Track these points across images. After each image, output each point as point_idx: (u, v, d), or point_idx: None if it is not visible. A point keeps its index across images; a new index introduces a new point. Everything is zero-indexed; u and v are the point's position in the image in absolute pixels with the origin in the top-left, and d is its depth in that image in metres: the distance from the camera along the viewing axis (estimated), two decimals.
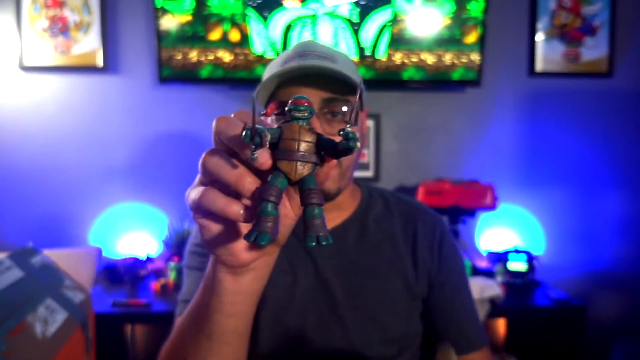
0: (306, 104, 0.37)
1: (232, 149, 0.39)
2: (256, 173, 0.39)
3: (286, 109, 0.38)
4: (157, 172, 2.02)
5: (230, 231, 0.43)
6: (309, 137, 0.37)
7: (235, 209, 0.38)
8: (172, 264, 1.78)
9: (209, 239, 0.44)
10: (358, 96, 0.40)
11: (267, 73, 0.80)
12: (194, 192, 0.42)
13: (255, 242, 0.36)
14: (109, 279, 1.87)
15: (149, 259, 1.89)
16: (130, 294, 1.73)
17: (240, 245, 0.43)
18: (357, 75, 0.80)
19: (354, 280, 0.81)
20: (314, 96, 0.73)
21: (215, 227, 0.43)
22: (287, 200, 0.44)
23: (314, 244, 0.36)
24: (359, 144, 0.36)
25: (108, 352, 1.40)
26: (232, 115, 0.41)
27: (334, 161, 0.39)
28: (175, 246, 1.85)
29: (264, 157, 0.36)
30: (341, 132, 0.36)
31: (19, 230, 1.99)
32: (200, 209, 0.41)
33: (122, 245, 2.01)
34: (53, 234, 1.97)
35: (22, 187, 1.99)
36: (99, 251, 1.87)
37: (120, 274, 1.83)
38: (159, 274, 1.85)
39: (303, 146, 0.37)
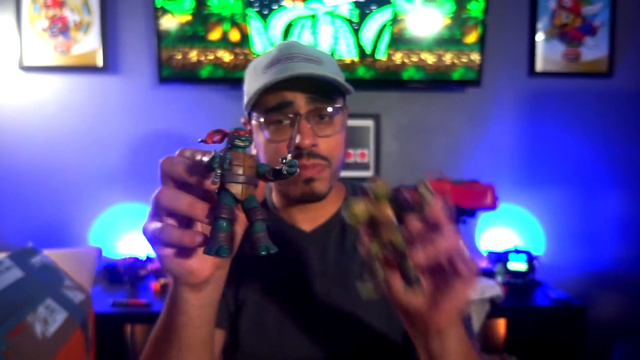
0: (247, 135, 0.44)
1: (179, 183, 0.46)
2: (204, 199, 0.45)
3: (228, 138, 0.44)
4: (156, 172, 2.01)
5: (188, 254, 0.48)
6: (251, 163, 0.44)
7: (191, 236, 0.44)
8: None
9: (169, 266, 0.49)
10: (343, 99, 0.46)
11: (251, 76, 0.80)
12: (151, 228, 0.47)
13: (217, 254, 0.41)
14: (108, 279, 1.88)
15: (148, 259, 1.89)
16: (130, 294, 1.73)
17: (199, 264, 0.49)
18: (341, 75, 0.81)
19: (334, 281, 0.80)
20: (300, 99, 0.73)
21: (174, 254, 0.48)
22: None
23: (264, 253, 0.43)
24: (298, 170, 0.44)
25: (108, 352, 1.40)
26: (176, 155, 0.49)
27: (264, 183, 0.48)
28: None
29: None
30: (284, 160, 0.43)
31: (19, 231, 1.99)
32: (160, 242, 0.46)
33: (122, 245, 2.01)
34: (53, 234, 1.97)
35: (22, 187, 1.99)
36: (99, 251, 1.87)
37: (120, 274, 1.83)
38: (158, 274, 1.85)
39: (247, 170, 0.43)
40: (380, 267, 0.48)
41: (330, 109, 0.75)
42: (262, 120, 0.76)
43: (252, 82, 0.78)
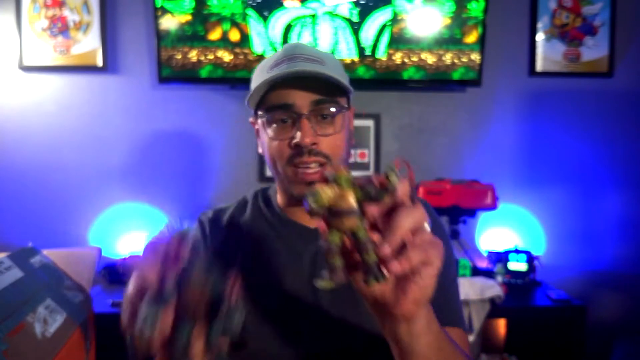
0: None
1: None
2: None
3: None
4: (156, 172, 2.02)
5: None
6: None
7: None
8: None
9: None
10: (346, 99, 0.45)
11: (257, 76, 0.81)
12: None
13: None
14: (108, 279, 1.87)
15: None
16: None
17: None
18: (344, 76, 0.82)
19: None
20: (303, 98, 0.75)
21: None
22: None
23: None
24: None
25: (108, 352, 1.40)
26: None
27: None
28: None
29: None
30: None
31: (19, 231, 1.98)
32: None
33: (122, 245, 2.00)
34: (53, 234, 1.97)
35: (22, 187, 1.99)
36: (99, 251, 1.87)
37: (120, 274, 1.83)
38: None
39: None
40: (337, 257, 0.45)
41: (332, 109, 0.76)
42: (265, 118, 0.78)
43: (256, 81, 0.79)
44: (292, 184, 0.78)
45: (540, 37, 2.06)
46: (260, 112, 0.80)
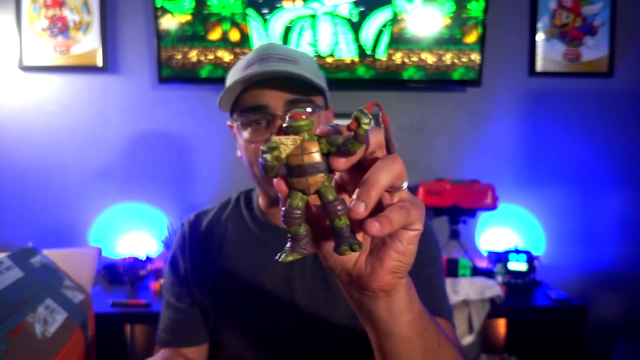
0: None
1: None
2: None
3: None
4: (156, 172, 2.02)
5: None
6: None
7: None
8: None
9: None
10: (323, 99, 0.41)
11: (230, 78, 0.81)
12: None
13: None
14: (108, 279, 1.87)
15: (148, 259, 1.88)
16: (130, 294, 1.73)
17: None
18: (319, 75, 0.80)
19: (318, 279, 0.81)
20: (277, 99, 0.74)
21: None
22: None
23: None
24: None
25: (108, 352, 1.40)
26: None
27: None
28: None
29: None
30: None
31: (19, 231, 1.98)
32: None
33: (122, 245, 2.00)
34: (53, 234, 1.97)
35: (23, 187, 1.98)
36: (99, 251, 1.87)
37: (120, 274, 1.83)
38: (158, 274, 1.85)
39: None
40: (302, 224, 0.38)
41: (308, 109, 0.75)
42: (240, 121, 0.77)
43: (229, 82, 0.78)
44: (269, 186, 0.77)
45: (540, 37, 2.06)
46: (234, 116, 0.79)
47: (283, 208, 0.38)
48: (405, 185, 0.39)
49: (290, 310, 0.80)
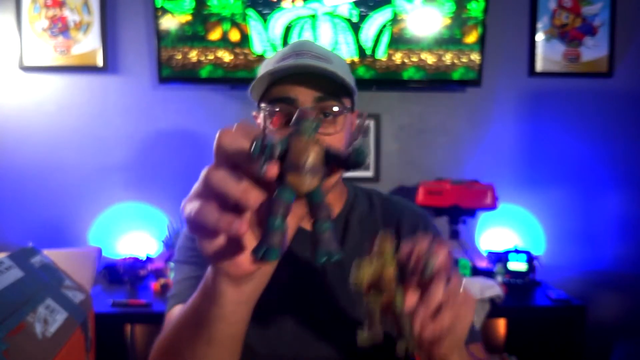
0: (313, 116, 0.37)
1: (235, 163, 0.39)
2: (262, 187, 0.38)
3: (292, 120, 0.37)
4: (156, 172, 2.02)
5: (232, 243, 0.42)
6: (317, 149, 0.36)
7: (234, 225, 0.37)
8: (172, 264, 1.78)
9: (210, 252, 0.42)
10: (351, 101, 0.41)
11: (263, 69, 0.80)
12: (189, 206, 0.41)
13: (264, 258, 0.35)
14: (108, 279, 1.87)
15: (148, 259, 1.89)
16: (130, 294, 1.73)
17: (244, 256, 0.42)
18: (351, 77, 0.81)
19: (335, 279, 0.81)
20: (307, 95, 0.74)
21: (215, 240, 0.42)
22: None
23: (325, 259, 0.36)
24: (368, 160, 0.37)
25: (108, 352, 1.40)
26: (234, 128, 0.40)
27: (338, 174, 0.38)
28: (175, 246, 1.85)
29: (272, 170, 0.36)
30: (350, 148, 0.36)
31: (19, 231, 1.98)
32: (195, 223, 0.40)
33: (122, 245, 2.01)
34: (53, 234, 1.97)
35: (22, 187, 1.99)
36: (99, 251, 1.87)
37: (120, 274, 1.83)
38: (158, 274, 1.85)
39: (311, 158, 0.36)
40: (378, 320, 0.50)
41: (336, 108, 0.75)
42: (267, 111, 0.77)
43: (261, 73, 0.79)
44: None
45: (540, 37, 2.06)
46: (262, 105, 0.79)
47: (365, 303, 0.51)
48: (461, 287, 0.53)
49: (309, 311, 0.80)
